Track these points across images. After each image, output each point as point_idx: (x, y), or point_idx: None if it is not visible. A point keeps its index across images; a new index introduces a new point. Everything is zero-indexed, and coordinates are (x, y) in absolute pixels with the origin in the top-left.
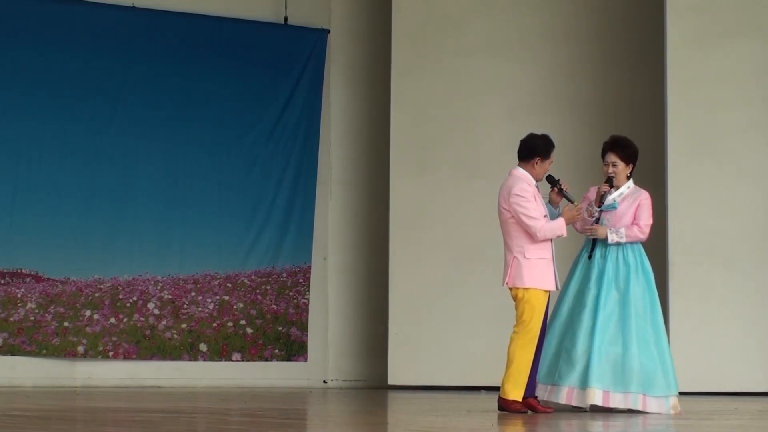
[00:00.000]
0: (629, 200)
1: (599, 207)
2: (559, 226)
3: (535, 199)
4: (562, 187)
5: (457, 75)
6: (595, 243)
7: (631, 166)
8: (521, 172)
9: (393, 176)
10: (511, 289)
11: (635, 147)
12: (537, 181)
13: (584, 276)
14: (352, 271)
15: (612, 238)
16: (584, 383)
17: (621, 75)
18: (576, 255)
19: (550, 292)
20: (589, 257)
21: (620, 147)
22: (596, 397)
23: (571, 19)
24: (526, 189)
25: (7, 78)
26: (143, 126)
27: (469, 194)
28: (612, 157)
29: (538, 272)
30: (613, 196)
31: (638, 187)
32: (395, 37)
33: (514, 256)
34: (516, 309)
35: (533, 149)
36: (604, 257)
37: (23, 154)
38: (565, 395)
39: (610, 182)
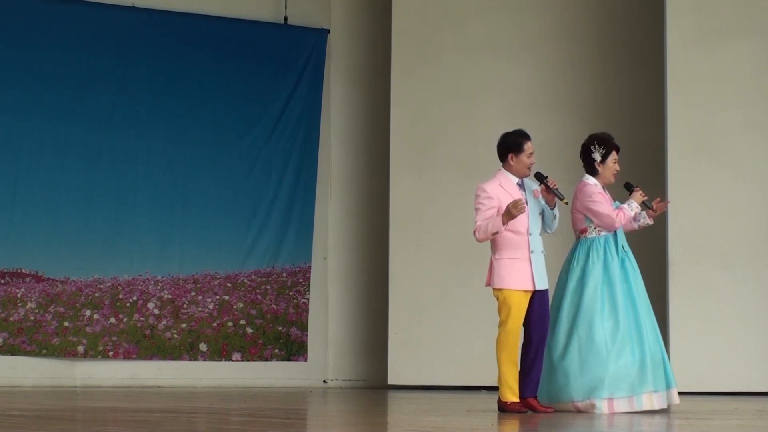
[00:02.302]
0: None
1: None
2: (494, 224)
3: (497, 200)
4: (549, 184)
5: (457, 75)
6: (617, 240)
7: None
8: (500, 172)
9: (393, 176)
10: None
11: None
12: (523, 176)
13: (626, 276)
14: (352, 271)
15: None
16: (668, 384)
17: (621, 75)
18: (589, 259)
19: (534, 291)
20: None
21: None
22: (677, 396)
23: (571, 19)
24: (483, 189)
25: (7, 78)
26: (143, 126)
27: (469, 194)
28: (617, 156)
29: (508, 273)
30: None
31: None
32: (395, 37)
33: (491, 257)
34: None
35: (505, 148)
36: (626, 253)
37: (23, 153)
38: (656, 400)
39: (630, 186)
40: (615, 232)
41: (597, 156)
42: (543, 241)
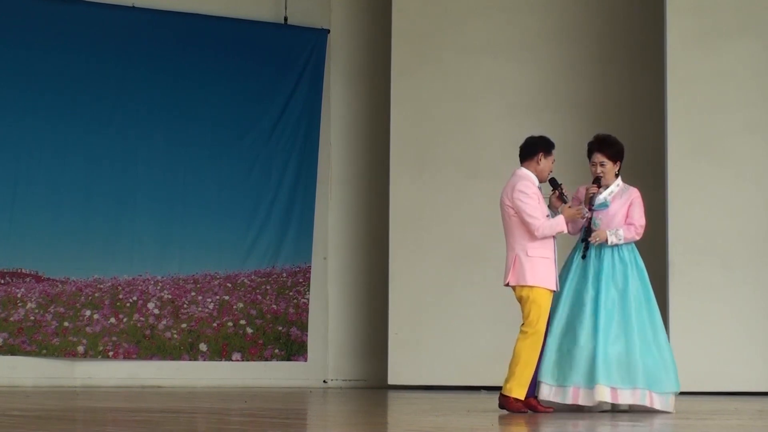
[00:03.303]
0: (620, 198)
1: (590, 208)
2: (558, 222)
3: (538, 199)
4: (564, 191)
5: (457, 75)
6: (587, 243)
7: (618, 164)
8: (524, 172)
9: (393, 176)
10: (514, 287)
11: (621, 144)
12: (541, 180)
13: (580, 276)
14: (352, 271)
15: (611, 240)
16: (591, 381)
17: (621, 75)
18: (567, 256)
19: (553, 292)
20: (583, 257)
21: (607, 146)
22: (605, 394)
23: (571, 19)
24: (529, 186)
25: (7, 77)
26: (143, 126)
27: (469, 194)
28: (599, 157)
29: (542, 271)
30: (603, 195)
31: (627, 185)
32: (395, 37)
33: (517, 254)
34: (522, 309)
35: (534, 146)
36: (599, 257)
37: (23, 153)
38: (571, 395)
39: (598, 182)
40: (583, 233)
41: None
42: None
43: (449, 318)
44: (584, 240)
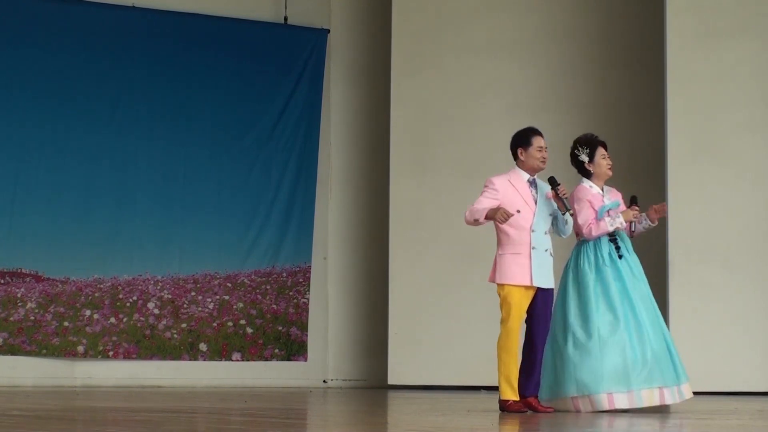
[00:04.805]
0: (613, 195)
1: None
2: (479, 209)
3: (497, 193)
4: (560, 191)
5: (457, 75)
6: (617, 242)
7: None
8: (512, 170)
9: (393, 176)
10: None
11: None
12: (534, 172)
13: (624, 275)
14: (352, 271)
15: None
16: (676, 380)
17: (621, 75)
18: (580, 260)
19: (538, 288)
20: (620, 257)
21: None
22: (689, 391)
23: (571, 19)
24: (491, 180)
25: (7, 78)
26: (143, 126)
27: (469, 194)
28: (606, 152)
29: (509, 268)
30: (608, 195)
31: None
32: (395, 37)
33: (495, 253)
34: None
35: (513, 144)
36: (630, 253)
37: (23, 154)
38: (657, 396)
39: (635, 200)
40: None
41: (584, 157)
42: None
43: (449, 318)
44: (612, 239)
